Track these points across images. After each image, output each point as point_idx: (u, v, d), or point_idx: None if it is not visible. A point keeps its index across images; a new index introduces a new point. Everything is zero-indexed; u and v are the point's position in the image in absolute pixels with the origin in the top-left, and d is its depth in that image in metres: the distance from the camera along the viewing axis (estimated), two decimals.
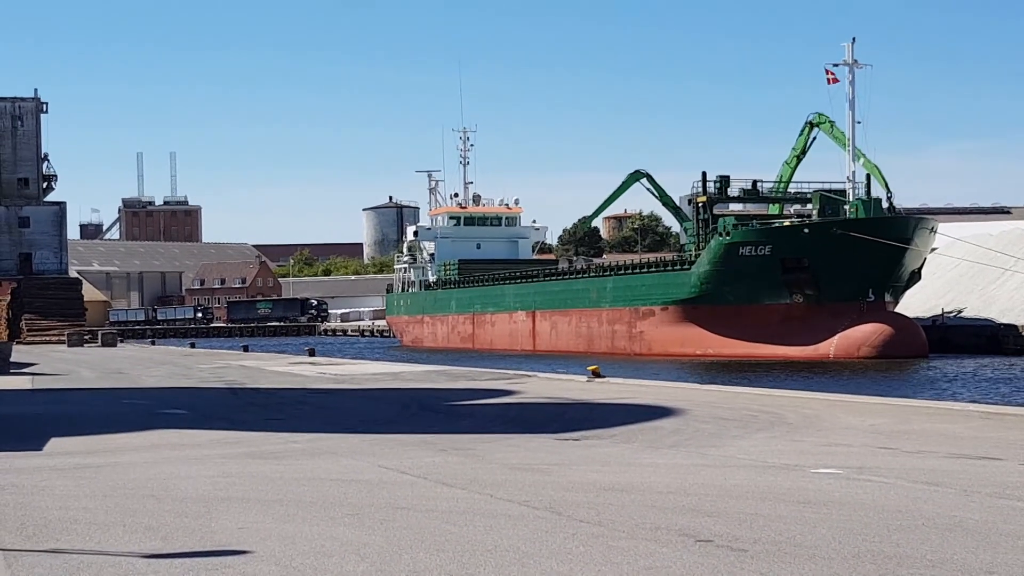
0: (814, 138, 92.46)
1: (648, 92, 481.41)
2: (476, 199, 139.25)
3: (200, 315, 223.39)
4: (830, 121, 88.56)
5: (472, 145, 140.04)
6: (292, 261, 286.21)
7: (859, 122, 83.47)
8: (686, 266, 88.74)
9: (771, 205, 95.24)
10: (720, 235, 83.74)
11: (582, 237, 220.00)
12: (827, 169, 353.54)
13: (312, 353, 67.67)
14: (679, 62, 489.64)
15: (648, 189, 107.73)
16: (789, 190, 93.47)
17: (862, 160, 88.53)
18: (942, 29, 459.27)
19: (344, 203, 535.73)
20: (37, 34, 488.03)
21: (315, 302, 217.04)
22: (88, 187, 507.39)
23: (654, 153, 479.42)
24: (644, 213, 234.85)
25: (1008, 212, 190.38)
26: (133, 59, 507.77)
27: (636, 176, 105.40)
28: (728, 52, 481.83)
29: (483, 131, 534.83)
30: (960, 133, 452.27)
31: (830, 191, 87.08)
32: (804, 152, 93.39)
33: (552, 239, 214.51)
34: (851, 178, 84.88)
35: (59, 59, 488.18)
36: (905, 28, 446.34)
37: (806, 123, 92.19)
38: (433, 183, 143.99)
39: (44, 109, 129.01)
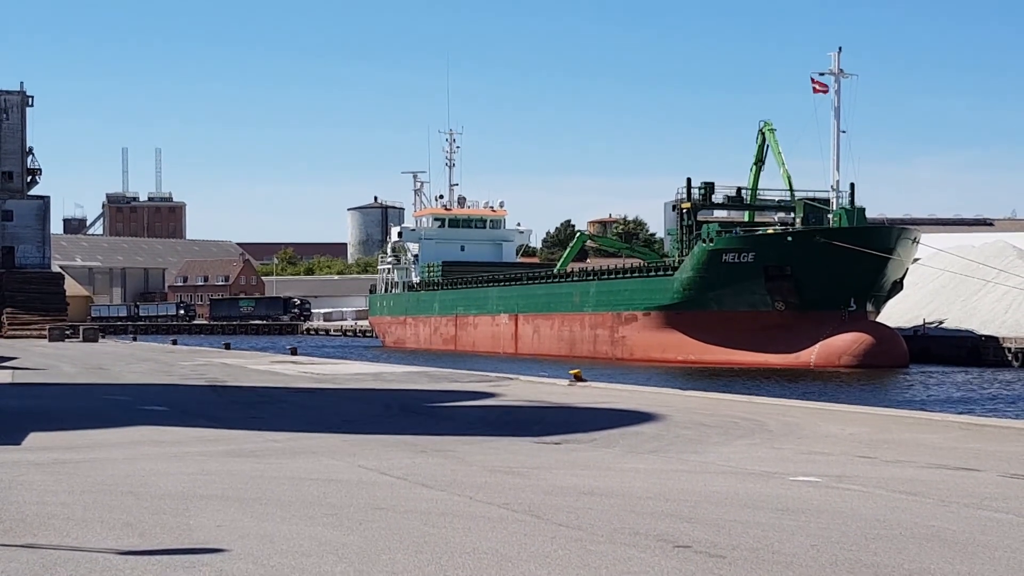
0: (769, 145, 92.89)
1: (633, 96, 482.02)
2: (461, 201, 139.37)
3: (182, 312, 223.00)
4: (771, 129, 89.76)
5: (458, 147, 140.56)
6: (276, 260, 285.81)
7: (844, 131, 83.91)
8: (669, 272, 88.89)
9: (750, 212, 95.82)
10: (704, 241, 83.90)
11: (564, 241, 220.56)
12: (812, 178, 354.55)
13: (294, 352, 67.54)
14: (666, 66, 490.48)
15: (591, 247, 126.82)
16: (773, 198, 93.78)
17: (782, 170, 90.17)
18: (929, 39, 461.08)
19: (329, 203, 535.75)
20: (23, 27, 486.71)
21: (298, 301, 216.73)
22: (72, 182, 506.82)
23: (638, 157, 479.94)
24: (628, 218, 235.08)
25: (991, 224, 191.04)
26: (120, 54, 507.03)
27: (582, 238, 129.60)
28: (715, 58, 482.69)
29: (469, 133, 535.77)
30: (945, 144, 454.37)
31: (814, 200, 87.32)
32: (762, 160, 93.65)
33: (536, 242, 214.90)
34: (835, 187, 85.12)
35: (45, 53, 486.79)
36: (892, 38, 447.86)
37: (759, 131, 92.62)
38: (418, 184, 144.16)
39: (30, 103, 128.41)
